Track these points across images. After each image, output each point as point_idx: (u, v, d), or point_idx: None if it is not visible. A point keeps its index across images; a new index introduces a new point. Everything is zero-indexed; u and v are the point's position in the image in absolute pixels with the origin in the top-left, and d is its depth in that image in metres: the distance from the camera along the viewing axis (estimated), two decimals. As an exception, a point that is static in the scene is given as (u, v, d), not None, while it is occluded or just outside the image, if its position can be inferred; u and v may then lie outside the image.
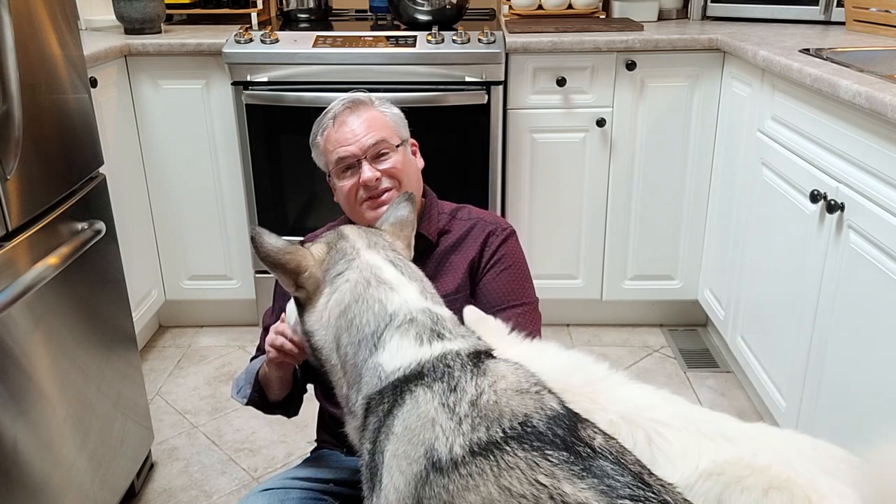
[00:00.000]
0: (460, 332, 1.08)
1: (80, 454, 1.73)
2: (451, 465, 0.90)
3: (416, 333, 1.04)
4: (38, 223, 1.59)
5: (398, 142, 1.49)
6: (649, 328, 2.92)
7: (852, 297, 1.69)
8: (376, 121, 1.47)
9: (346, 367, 1.09)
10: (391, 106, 1.53)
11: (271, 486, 1.42)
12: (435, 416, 0.95)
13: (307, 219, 2.71)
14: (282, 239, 1.15)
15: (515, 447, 0.89)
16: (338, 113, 1.47)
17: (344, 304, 1.09)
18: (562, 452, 0.88)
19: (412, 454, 0.94)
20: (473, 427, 0.92)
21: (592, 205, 2.71)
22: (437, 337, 1.04)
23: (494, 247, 1.51)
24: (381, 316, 1.07)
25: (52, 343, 1.63)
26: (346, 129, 1.45)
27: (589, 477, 0.85)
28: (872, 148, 1.62)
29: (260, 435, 2.33)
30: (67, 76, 1.73)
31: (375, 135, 1.45)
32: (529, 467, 0.87)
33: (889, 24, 2.36)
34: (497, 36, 2.53)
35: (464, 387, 0.97)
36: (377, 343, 1.05)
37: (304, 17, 3.03)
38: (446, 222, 1.54)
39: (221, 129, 2.68)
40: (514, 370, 1.01)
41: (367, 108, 1.48)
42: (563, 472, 0.86)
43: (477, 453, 0.90)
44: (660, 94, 2.57)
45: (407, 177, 1.48)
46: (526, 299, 1.50)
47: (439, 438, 0.93)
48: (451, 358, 1.01)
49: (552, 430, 0.91)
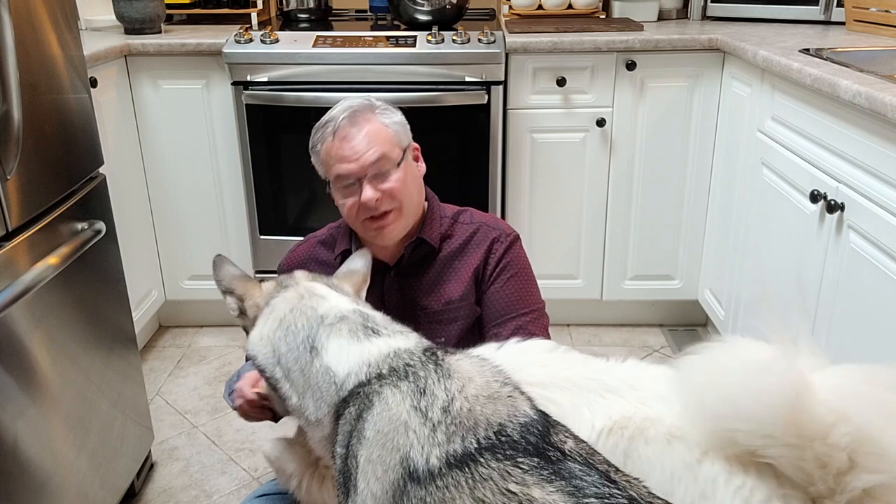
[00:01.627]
0: (395, 328, 1.11)
1: (80, 454, 1.73)
2: (428, 476, 0.91)
3: (349, 330, 1.08)
4: (38, 223, 1.59)
5: (399, 155, 1.43)
6: (649, 328, 2.92)
7: (852, 297, 1.69)
8: (377, 135, 1.41)
9: (290, 376, 1.10)
10: (393, 112, 1.47)
11: (267, 492, 1.41)
12: (408, 420, 0.96)
13: (307, 219, 2.71)
14: (239, 269, 1.26)
15: (489, 458, 0.90)
16: (338, 126, 1.41)
17: (279, 317, 1.14)
18: (533, 458, 0.90)
19: (388, 461, 0.95)
20: (449, 438, 0.93)
21: (592, 205, 2.71)
22: (372, 332, 1.08)
23: (499, 254, 1.49)
24: (312, 318, 1.11)
25: (52, 343, 1.63)
26: (347, 145, 1.40)
27: (557, 480, 0.87)
28: (872, 148, 1.62)
29: (260, 435, 2.33)
30: (67, 76, 1.73)
31: (376, 151, 1.40)
32: (502, 477, 0.88)
33: (889, 24, 2.36)
34: (497, 36, 2.53)
35: (433, 390, 0.98)
36: (313, 344, 1.08)
37: (304, 17, 3.03)
38: (448, 227, 1.53)
39: (221, 129, 2.68)
40: (479, 368, 1.03)
41: (369, 120, 1.42)
42: (532, 478, 0.88)
43: (453, 465, 0.91)
44: (660, 94, 2.57)
45: (408, 195, 1.44)
46: (534, 305, 1.49)
47: (414, 447, 0.94)
48: (407, 356, 1.03)
49: (525, 438, 0.92)
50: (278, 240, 2.72)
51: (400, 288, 1.50)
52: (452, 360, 1.04)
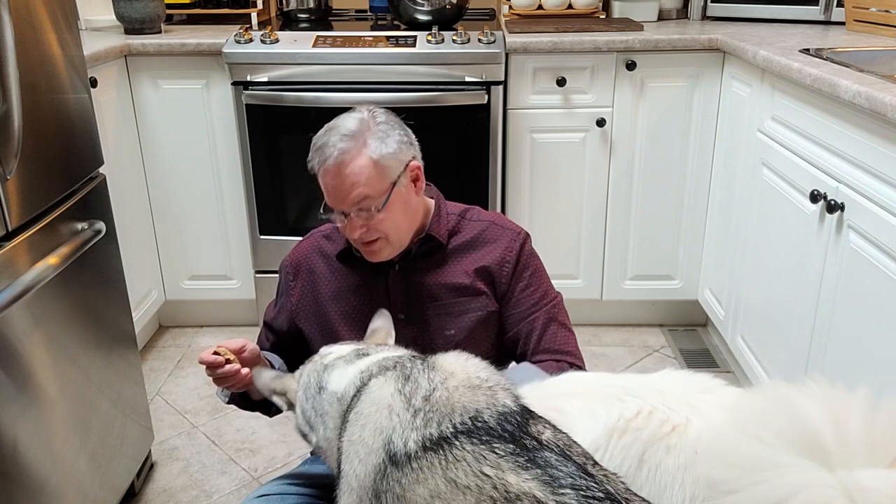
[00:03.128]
0: (386, 349, 1.19)
1: (80, 454, 1.73)
2: (406, 458, 0.94)
3: (344, 361, 1.17)
4: (38, 223, 1.59)
5: (386, 191, 1.39)
6: (649, 328, 2.92)
7: (852, 297, 1.69)
8: (362, 174, 1.37)
9: (312, 424, 1.17)
10: (389, 136, 1.40)
11: (267, 493, 1.41)
12: (392, 403, 0.99)
13: (307, 219, 2.71)
14: (273, 369, 1.36)
15: (464, 441, 0.92)
16: (326, 163, 1.38)
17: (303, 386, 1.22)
18: (508, 445, 0.90)
19: (370, 443, 0.98)
20: (426, 423, 0.95)
21: (592, 205, 2.71)
22: (364, 354, 1.17)
23: (516, 254, 1.53)
24: (319, 369, 1.20)
25: (52, 343, 1.63)
26: (333, 182, 1.39)
27: (533, 468, 0.87)
28: (872, 148, 1.62)
29: (260, 435, 2.33)
30: (67, 76, 1.73)
31: (360, 192, 1.37)
32: (476, 460, 0.89)
33: (889, 24, 2.36)
34: (497, 36, 2.53)
35: (417, 378, 1.02)
36: (321, 385, 1.16)
37: (304, 17, 3.03)
38: (455, 223, 1.54)
39: (221, 129, 2.68)
40: (463, 363, 1.06)
41: (356, 156, 1.37)
42: (507, 464, 0.88)
43: (429, 448, 0.93)
44: (660, 94, 2.57)
45: (394, 228, 1.42)
46: (554, 293, 1.58)
47: (396, 430, 0.96)
48: (396, 358, 1.10)
49: (501, 426, 0.93)
50: (278, 240, 2.72)
51: (405, 281, 1.51)
52: (439, 357, 1.08)
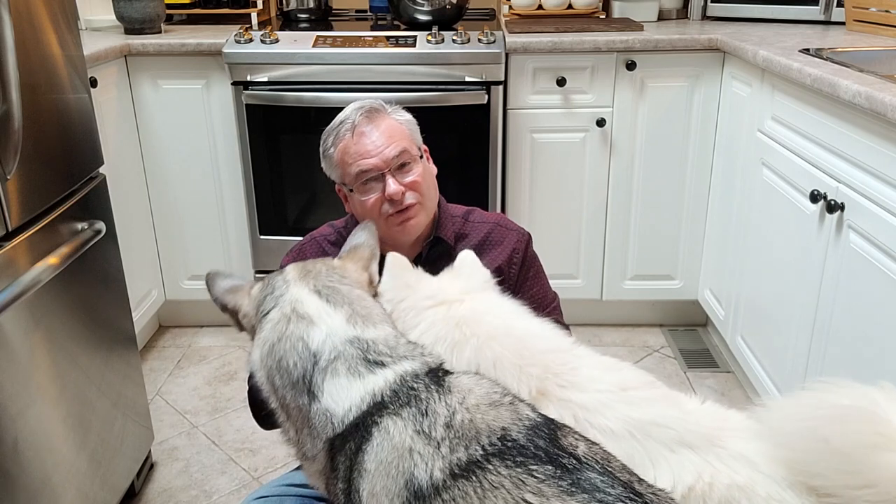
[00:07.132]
0: (401, 352, 1.02)
1: (80, 454, 1.73)
2: (433, 491, 0.85)
3: (346, 370, 0.99)
4: (38, 223, 1.59)
5: (418, 151, 1.44)
6: (649, 328, 2.92)
7: (852, 297, 1.69)
8: (395, 130, 1.41)
9: (288, 411, 1.04)
10: (403, 112, 1.47)
11: (266, 494, 1.41)
12: (412, 445, 0.90)
13: (307, 219, 2.71)
14: (232, 280, 1.17)
15: (498, 464, 0.84)
16: (356, 123, 1.40)
17: (270, 343, 1.06)
18: (547, 466, 0.83)
19: (392, 489, 0.89)
20: (452, 448, 0.87)
21: (592, 204, 2.71)
22: (375, 364, 0.99)
23: (522, 254, 1.54)
24: (305, 357, 1.02)
25: (52, 343, 1.63)
26: (367, 140, 1.39)
27: (579, 493, 0.81)
28: (872, 148, 1.62)
29: (260, 435, 2.33)
30: (67, 76, 1.73)
31: (397, 145, 1.39)
32: (515, 486, 0.82)
33: (889, 24, 2.36)
34: (497, 36, 2.53)
35: (434, 409, 0.92)
36: (311, 388, 1.00)
37: (304, 17, 3.03)
38: (461, 226, 1.54)
39: (221, 129, 2.68)
40: (477, 382, 0.98)
41: (384, 117, 1.42)
42: (551, 489, 0.81)
43: (458, 475, 0.85)
44: (660, 94, 2.57)
45: (427, 188, 1.44)
46: (552, 294, 1.59)
47: (418, 466, 0.88)
48: (411, 380, 0.97)
49: (533, 442, 0.87)
50: (278, 240, 2.72)
51: None
52: (453, 378, 0.99)
